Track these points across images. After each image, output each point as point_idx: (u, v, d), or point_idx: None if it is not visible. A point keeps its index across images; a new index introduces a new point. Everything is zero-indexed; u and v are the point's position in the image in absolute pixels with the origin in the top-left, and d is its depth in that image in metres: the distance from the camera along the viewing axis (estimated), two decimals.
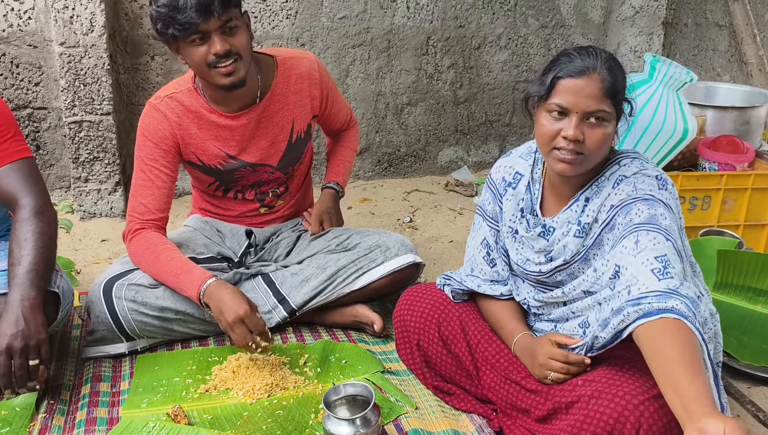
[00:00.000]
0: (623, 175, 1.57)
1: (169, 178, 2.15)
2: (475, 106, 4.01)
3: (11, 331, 1.72)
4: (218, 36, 1.93)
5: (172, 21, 1.89)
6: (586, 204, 1.61)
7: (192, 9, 1.86)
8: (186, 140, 2.15)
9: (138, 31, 3.29)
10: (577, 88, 1.49)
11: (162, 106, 2.12)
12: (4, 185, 1.92)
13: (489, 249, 1.84)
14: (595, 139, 1.50)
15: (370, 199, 3.63)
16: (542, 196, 1.71)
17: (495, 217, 1.81)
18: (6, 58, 3.12)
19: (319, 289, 2.20)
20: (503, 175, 1.77)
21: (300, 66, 2.22)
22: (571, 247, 1.62)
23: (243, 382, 1.94)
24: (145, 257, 2.09)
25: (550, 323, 1.75)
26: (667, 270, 1.40)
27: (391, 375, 2.01)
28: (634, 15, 4.04)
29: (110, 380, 2.00)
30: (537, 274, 1.70)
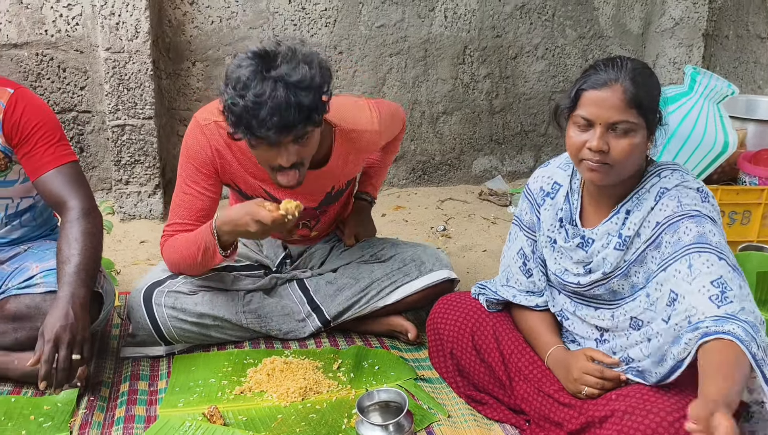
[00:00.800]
0: (664, 187, 1.57)
1: (209, 199, 2.08)
2: (510, 116, 4.01)
3: (61, 323, 1.77)
4: (288, 148, 1.79)
5: (247, 128, 1.74)
6: (627, 216, 1.60)
7: (272, 129, 1.71)
8: (225, 168, 2.07)
9: (180, 37, 3.36)
10: (600, 99, 1.51)
11: (207, 131, 2.02)
12: (51, 188, 1.99)
13: (525, 259, 1.84)
14: (620, 150, 1.51)
15: (404, 207, 3.64)
16: (581, 207, 1.71)
17: (532, 226, 1.82)
18: (53, 63, 3.21)
19: (353, 301, 2.21)
20: (541, 185, 1.78)
21: (361, 140, 2.10)
22: (610, 259, 1.61)
23: (277, 385, 1.97)
24: (173, 251, 2.09)
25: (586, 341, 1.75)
26: (725, 295, 1.40)
27: (424, 382, 2.02)
28: (673, 26, 4.01)
29: (148, 379, 2.04)
30: (575, 285, 1.70)
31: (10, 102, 1.97)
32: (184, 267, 2.13)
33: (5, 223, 2.10)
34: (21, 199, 2.11)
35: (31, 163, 1.99)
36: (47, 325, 1.78)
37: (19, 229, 2.14)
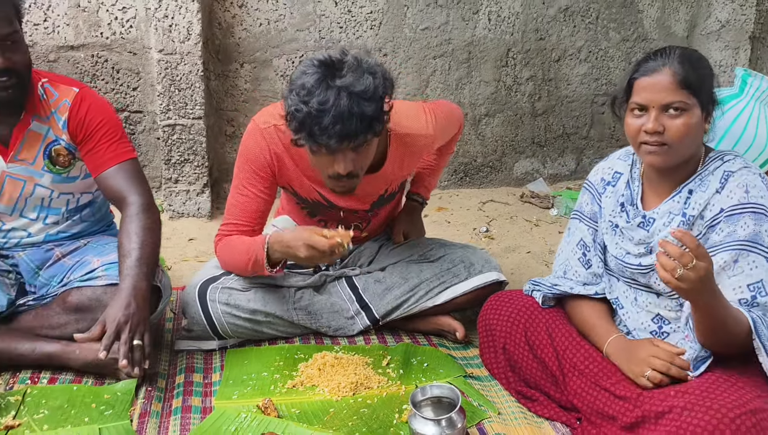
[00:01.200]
0: (729, 170, 1.61)
1: (264, 201, 2.12)
2: (552, 119, 4.00)
3: (123, 312, 1.84)
4: (345, 156, 1.82)
5: (309, 134, 1.77)
6: (690, 196, 1.65)
7: (333, 137, 1.74)
8: (282, 171, 2.10)
9: (229, 39, 3.43)
10: (651, 84, 1.60)
11: (267, 135, 2.05)
12: (112, 184, 2.06)
13: (585, 249, 1.88)
14: (675, 129, 1.58)
15: (446, 208, 3.66)
16: (642, 192, 1.76)
17: (593, 216, 1.87)
18: (108, 64, 3.30)
19: (402, 300, 2.23)
20: (602, 176, 1.86)
21: (416, 144, 2.12)
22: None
23: (329, 380, 2.00)
24: (226, 253, 2.15)
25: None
26: (756, 300, 1.50)
27: (473, 380, 2.03)
28: (719, 29, 3.97)
29: (202, 371, 2.09)
30: (636, 267, 1.73)
31: (75, 100, 2.04)
32: (235, 270, 2.19)
33: (66, 217, 2.18)
34: (81, 195, 2.18)
35: (94, 159, 2.06)
36: (109, 314, 1.85)
37: (79, 224, 2.22)
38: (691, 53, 1.64)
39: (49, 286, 2.12)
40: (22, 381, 1.98)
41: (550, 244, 3.20)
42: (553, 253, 3.06)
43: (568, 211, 3.57)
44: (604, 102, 4.07)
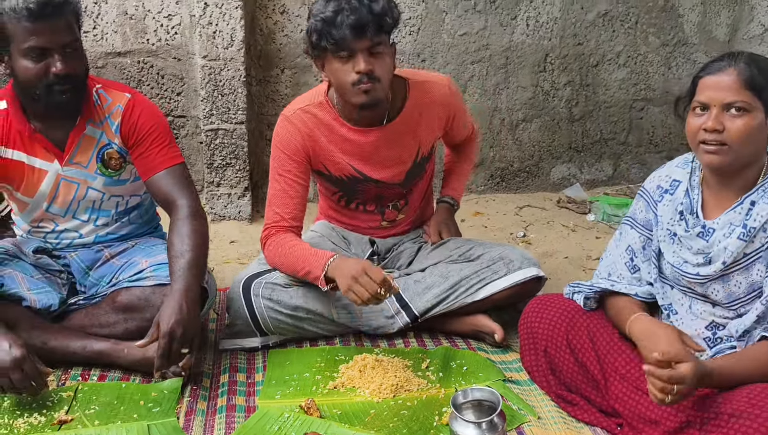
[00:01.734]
0: None
1: (301, 187, 2.24)
2: (590, 124, 3.99)
3: (176, 317, 1.88)
4: (364, 56, 1.99)
5: (326, 35, 1.97)
6: (752, 207, 1.62)
7: (347, 27, 1.94)
8: (316, 151, 2.23)
9: (271, 45, 3.49)
10: (714, 83, 1.59)
11: (294, 119, 2.22)
12: (162, 187, 2.11)
13: (633, 255, 1.88)
14: (735, 129, 1.56)
15: (482, 213, 3.67)
16: (702, 201, 1.74)
17: (647, 224, 1.86)
18: (153, 70, 3.39)
19: (442, 298, 2.26)
20: (658, 184, 1.84)
21: (433, 91, 2.26)
22: (731, 249, 1.62)
23: (369, 382, 2.02)
24: (278, 254, 2.20)
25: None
26: None
27: (513, 384, 2.04)
28: (763, 33, 3.91)
29: (245, 371, 2.14)
30: (694, 276, 1.71)
31: (128, 106, 2.11)
32: (284, 271, 2.23)
33: (116, 219, 2.24)
34: (130, 197, 2.25)
35: (145, 163, 2.12)
36: (163, 316, 1.89)
37: (128, 226, 2.28)
38: (762, 58, 1.63)
39: (99, 286, 2.18)
40: (74, 377, 2.05)
41: (587, 250, 3.19)
42: (590, 259, 3.07)
43: (605, 216, 3.55)
44: (643, 107, 4.05)
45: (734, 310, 1.68)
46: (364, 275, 1.97)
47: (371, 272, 1.98)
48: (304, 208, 2.27)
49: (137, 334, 2.03)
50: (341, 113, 2.22)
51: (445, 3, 3.59)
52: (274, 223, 2.23)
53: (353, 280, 1.98)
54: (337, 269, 2.04)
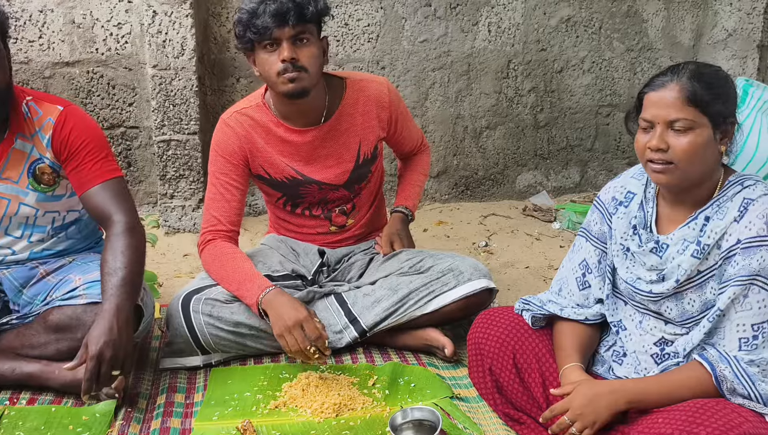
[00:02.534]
0: (749, 198, 1.53)
1: (239, 191, 2.23)
2: (555, 131, 3.95)
3: (105, 338, 1.80)
4: (288, 44, 2.01)
5: (250, 26, 2.00)
6: (706, 223, 1.57)
7: (268, 15, 1.97)
8: (254, 153, 2.22)
9: (225, 54, 3.42)
10: (658, 99, 1.54)
11: (231, 122, 2.22)
12: (97, 202, 2.03)
13: (586, 270, 1.83)
14: (680, 148, 1.51)
15: (446, 222, 3.61)
16: (656, 215, 1.69)
17: (602, 237, 1.81)
18: (103, 80, 3.30)
19: (391, 311, 2.20)
20: (613, 195, 1.78)
21: (369, 89, 2.27)
22: (685, 266, 1.58)
23: (312, 401, 1.95)
24: (214, 265, 2.17)
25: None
26: (755, 341, 1.48)
27: (460, 401, 1.98)
28: (726, 38, 3.90)
29: (185, 391, 2.06)
30: (647, 294, 1.66)
31: (59, 119, 2.03)
32: (219, 283, 2.18)
33: (52, 235, 2.16)
34: (67, 213, 2.16)
35: (78, 177, 2.04)
36: (92, 337, 1.81)
37: (65, 242, 2.19)
38: (708, 70, 1.57)
39: (33, 304, 2.09)
40: (1, 402, 1.95)
41: (550, 259, 3.13)
42: (552, 268, 3.01)
43: (570, 224, 3.50)
44: (609, 113, 4.01)
45: (687, 327, 1.63)
46: (299, 328, 1.94)
47: (307, 327, 1.94)
48: (241, 214, 2.26)
49: (69, 355, 1.94)
50: (278, 114, 2.21)
51: (404, 9, 3.53)
52: (212, 227, 2.21)
53: (286, 329, 1.95)
54: (272, 308, 2.00)
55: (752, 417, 1.41)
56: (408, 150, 2.51)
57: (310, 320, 1.96)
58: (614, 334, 1.78)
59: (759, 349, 1.47)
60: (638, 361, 1.70)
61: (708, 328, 1.54)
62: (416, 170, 2.56)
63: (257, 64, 2.10)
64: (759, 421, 1.42)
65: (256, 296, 2.03)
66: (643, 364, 1.69)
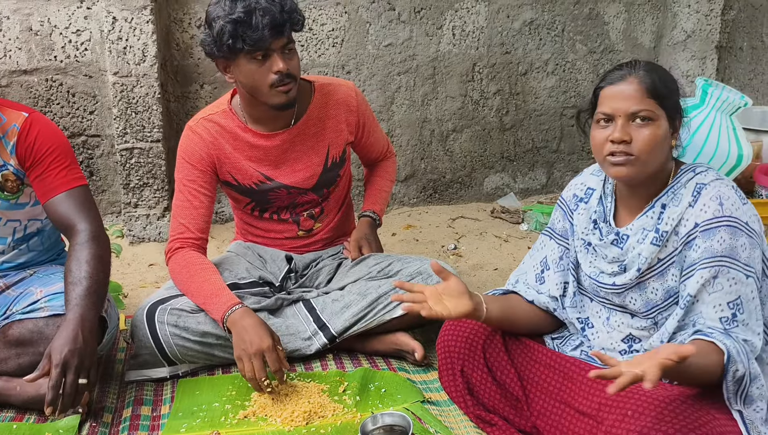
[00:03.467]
0: (701, 182, 1.57)
1: (206, 198, 2.20)
2: (521, 133, 3.97)
3: (70, 347, 1.75)
4: (280, 56, 1.99)
5: (241, 36, 1.94)
6: (663, 211, 1.60)
7: (266, 28, 1.92)
8: (221, 159, 2.20)
9: (188, 60, 3.37)
10: (617, 92, 1.56)
11: (198, 128, 2.20)
12: (61, 211, 1.99)
13: (546, 267, 1.85)
14: (642, 139, 1.53)
15: (415, 226, 3.61)
16: (615, 209, 1.72)
17: (565, 234, 1.83)
18: (63, 88, 3.24)
19: (360, 316, 2.18)
20: (574, 192, 1.82)
21: (337, 93, 2.26)
22: (645, 254, 1.60)
23: (282, 409, 1.93)
24: (181, 275, 2.13)
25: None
26: (735, 318, 1.49)
27: (431, 405, 1.97)
28: (686, 39, 3.97)
29: (151, 404, 2.01)
30: (610, 286, 1.68)
31: (24, 125, 1.98)
32: (186, 294, 2.15)
33: (13, 247, 2.11)
34: (29, 222, 2.11)
35: (43, 185, 2.00)
36: (55, 347, 1.76)
37: (27, 254, 2.14)
38: (658, 66, 1.62)
39: None
40: None
41: (518, 260, 3.13)
42: None
43: (538, 225, 3.53)
44: (573, 114, 4.05)
45: (652, 318, 1.65)
46: (260, 357, 1.90)
47: (269, 357, 1.90)
48: (209, 221, 2.22)
49: (30, 370, 1.88)
50: (248, 119, 2.19)
51: (368, 14, 3.53)
52: (180, 235, 2.17)
53: (246, 355, 1.90)
54: (237, 329, 1.95)
55: (719, 414, 1.43)
56: (375, 157, 2.51)
57: (272, 351, 1.90)
58: (581, 332, 1.80)
59: (742, 326, 1.49)
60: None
61: (681, 315, 1.55)
62: (383, 176, 2.55)
63: (237, 73, 2.04)
64: (727, 419, 1.43)
65: (221, 313, 2.00)
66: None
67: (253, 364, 1.89)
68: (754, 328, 1.51)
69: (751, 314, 1.51)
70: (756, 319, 1.52)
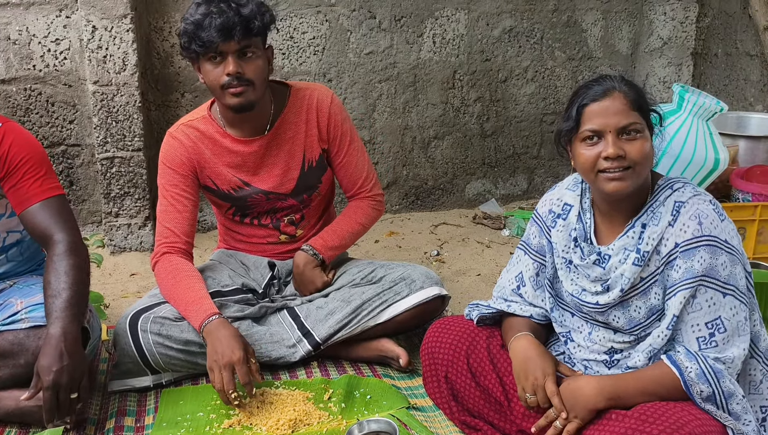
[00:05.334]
0: (679, 200, 1.57)
1: (190, 202, 2.22)
2: (502, 139, 4.00)
3: (56, 366, 1.74)
4: (233, 58, 2.02)
5: (195, 38, 2.01)
6: (643, 230, 1.59)
7: (214, 29, 1.97)
8: (201, 164, 2.23)
9: (169, 69, 3.36)
10: (604, 108, 1.55)
11: (178, 134, 2.23)
12: (37, 221, 1.97)
13: (521, 284, 1.85)
14: (636, 150, 1.53)
15: (397, 233, 3.62)
16: (594, 226, 1.70)
17: (541, 250, 1.81)
18: (42, 97, 3.21)
19: (344, 323, 2.18)
20: (550, 208, 1.78)
21: (312, 96, 2.27)
22: (627, 274, 1.60)
23: (267, 418, 1.93)
24: (166, 281, 2.13)
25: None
26: (713, 338, 1.50)
27: (417, 411, 1.98)
28: (662, 46, 4.02)
29: (135, 414, 2.00)
30: (594, 305, 1.67)
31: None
32: (168, 300, 2.15)
33: None
34: (7, 234, 2.08)
35: (17, 195, 1.97)
36: (43, 368, 1.75)
37: (5, 265, 2.12)
38: (631, 80, 1.62)
39: None
40: None
41: (501, 266, 3.16)
42: None
43: (519, 231, 3.55)
44: (553, 121, 4.09)
45: (635, 334, 1.65)
46: (229, 369, 1.89)
47: (239, 370, 1.89)
48: (193, 225, 2.24)
49: (10, 382, 1.90)
50: (225, 123, 2.22)
51: (349, 22, 3.54)
52: (166, 240, 2.19)
53: (217, 366, 1.90)
54: (211, 339, 1.95)
55: (701, 415, 1.44)
56: (351, 183, 2.36)
57: (242, 364, 1.89)
58: (563, 344, 1.81)
59: (720, 346, 1.50)
60: (589, 367, 1.72)
61: (668, 336, 1.56)
62: (349, 215, 2.35)
63: (203, 74, 2.10)
64: (707, 419, 1.45)
65: (199, 322, 2.00)
66: (595, 367, 1.72)
67: (222, 375, 1.89)
68: (737, 344, 1.51)
69: (735, 331, 1.51)
70: (740, 334, 1.51)
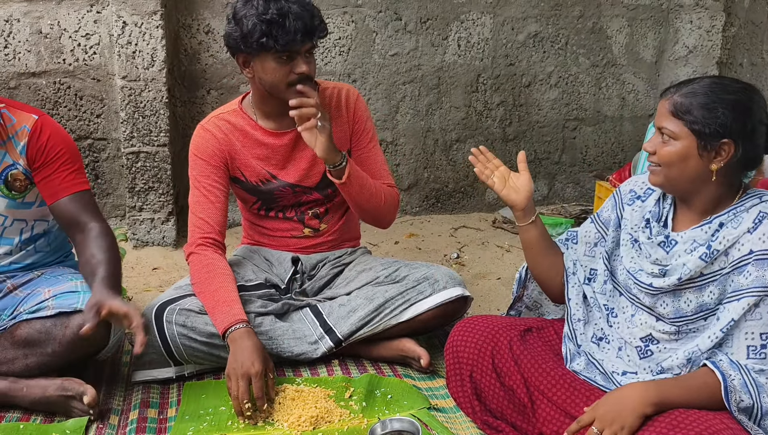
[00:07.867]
0: (765, 211, 1.56)
1: (222, 193, 2.24)
2: (524, 144, 4.00)
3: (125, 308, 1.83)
4: (303, 58, 2.07)
5: (273, 36, 2.01)
6: (719, 229, 1.60)
7: (298, 32, 2.00)
8: (232, 155, 2.26)
9: (196, 66, 3.39)
10: (660, 107, 1.64)
11: (209, 126, 2.26)
12: (68, 211, 2.04)
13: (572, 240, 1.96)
14: (661, 153, 1.60)
15: (417, 235, 3.63)
16: (674, 212, 1.73)
17: (607, 223, 1.87)
18: (71, 91, 3.25)
19: (366, 320, 2.19)
20: (632, 188, 1.84)
21: (340, 94, 2.31)
22: (690, 266, 1.60)
23: (288, 414, 1.93)
24: (200, 275, 2.14)
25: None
26: (764, 350, 1.51)
27: (437, 412, 1.98)
28: (687, 54, 4.00)
29: (158, 407, 2.02)
30: (646, 286, 1.68)
31: (35, 127, 2.01)
32: (198, 295, 2.16)
33: (20, 248, 2.11)
34: (36, 223, 2.12)
35: (49, 187, 2.03)
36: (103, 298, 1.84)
37: (34, 255, 2.15)
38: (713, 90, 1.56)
39: (0, 320, 2.04)
40: None
41: None
42: None
43: None
44: (575, 127, 4.08)
45: (677, 326, 1.65)
46: (246, 380, 1.90)
47: (254, 384, 1.90)
48: (225, 216, 2.26)
49: (37, 371, 1.93)
50: (256, 117, 2.26)
51: (375, 23, 3.56)
52: (200, 230, 2.20)
53: (235, 375, 1.91)
54: (234, 347, 1.97)
55: (733, 424, 1.44)
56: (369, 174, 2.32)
57: (259, 378, 1.91)
58: (605, 319, 1.81)
59: (766, 359, 1.50)
60: (623, 348, 1.73)
61: (720, 338, 1.55)
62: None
63: (261, 69, 2.09)
64: (739, 429, 1.44)
65: (225, 325, 2.01)
66: (626, 351, 1.72)
67: (238, 385, 1.90)
68: None
69: None
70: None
